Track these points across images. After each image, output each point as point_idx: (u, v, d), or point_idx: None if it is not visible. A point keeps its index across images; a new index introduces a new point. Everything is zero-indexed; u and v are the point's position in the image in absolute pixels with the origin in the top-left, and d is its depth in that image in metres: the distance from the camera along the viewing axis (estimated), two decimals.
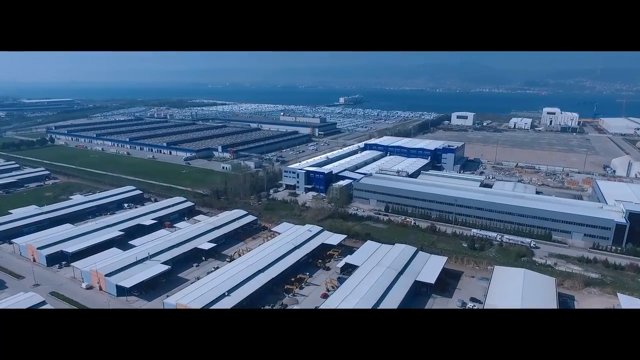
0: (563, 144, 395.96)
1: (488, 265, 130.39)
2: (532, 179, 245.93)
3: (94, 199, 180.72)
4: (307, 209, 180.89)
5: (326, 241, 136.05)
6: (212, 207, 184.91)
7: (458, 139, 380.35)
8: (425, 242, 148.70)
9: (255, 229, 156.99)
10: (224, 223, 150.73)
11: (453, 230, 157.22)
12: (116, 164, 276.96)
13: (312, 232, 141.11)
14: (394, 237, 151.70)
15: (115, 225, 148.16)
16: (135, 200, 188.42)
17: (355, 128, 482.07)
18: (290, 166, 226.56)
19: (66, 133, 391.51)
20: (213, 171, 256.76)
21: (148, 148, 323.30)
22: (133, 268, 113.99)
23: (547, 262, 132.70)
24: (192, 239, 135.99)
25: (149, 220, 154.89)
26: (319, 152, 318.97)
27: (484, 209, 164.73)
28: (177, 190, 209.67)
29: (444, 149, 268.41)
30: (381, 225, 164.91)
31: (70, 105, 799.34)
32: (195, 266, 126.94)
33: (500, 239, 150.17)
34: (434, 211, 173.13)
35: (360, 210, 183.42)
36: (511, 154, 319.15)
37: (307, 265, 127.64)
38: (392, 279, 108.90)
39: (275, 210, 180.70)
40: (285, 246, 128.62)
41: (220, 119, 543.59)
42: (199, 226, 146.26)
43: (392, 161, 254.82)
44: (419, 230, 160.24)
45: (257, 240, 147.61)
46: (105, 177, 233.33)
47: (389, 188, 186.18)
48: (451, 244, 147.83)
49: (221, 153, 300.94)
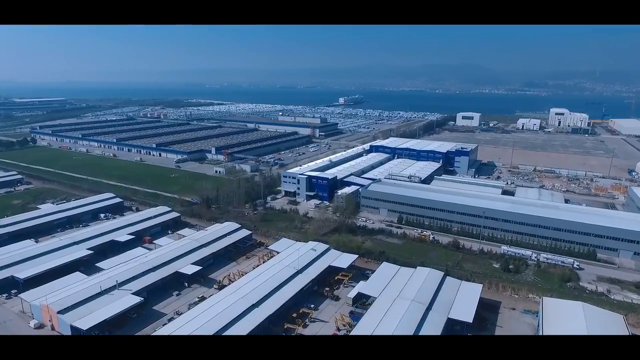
0: (577, 145, 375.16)
1: (529, 293, 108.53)
2: (555, 184, 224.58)
3: (65, 208, 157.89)
4: (310, 220, 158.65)
5: (334, 263, 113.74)
6: (201, 218, 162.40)
7: (466, 140, 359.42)
8: (448, 261, 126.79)
9: (250, 246, 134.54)
10: (213, 239, 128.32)
11: (480, 246, 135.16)
12: (100, 167, 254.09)
13: (317, 251, 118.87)
14: (411, 255, 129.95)
15: (84, 242, 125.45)
16: (114, 210, 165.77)
17: (358, 129, 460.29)
18: (289, 170, 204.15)
19: (50, 133, 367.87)
20: (205, 175, 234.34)
21: (136, 149, 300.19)
22: (95, 301, 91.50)
23: (598, 288, 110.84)
24: (174, 260, 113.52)
25: (124, 235, 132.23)
26: (319, 153, 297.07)
27: (514, 221, 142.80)
28: (162, 198, 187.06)
29: (456, 151, 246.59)
30: (395, 241, 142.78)
31: (62, 104, 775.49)
32: (176, 295, 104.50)
33: (536, 258, 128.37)
34: (456, 223, 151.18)
35: (370, 221, 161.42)
36: (525, 157, 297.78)
37: (312, 294, 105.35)
38: (420, 316, 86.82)
39: (272, 222, 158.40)
40: (285, 270, 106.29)
41: (216, 119, 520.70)
42: (183, 243, 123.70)
43: (401, 165, 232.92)
44: (439, 247, 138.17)
45: (252, 260, 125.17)
46: (85, 182, 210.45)
47: (402, 196, 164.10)
48: (479, 264, 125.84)
49: (215, 155, 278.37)
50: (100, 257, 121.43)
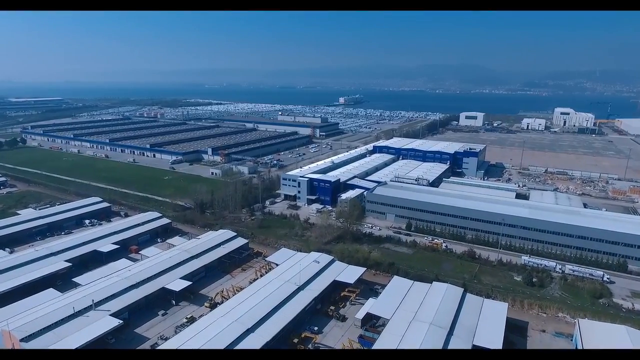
0: (586, 146, 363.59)
1: (558, 311, 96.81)
2: (569, 187, 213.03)
3: (47, 214, 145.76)
4: (311, 227, 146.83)
5: (339, 277, 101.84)
6: (195, 224, 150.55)
7: (470, 140, 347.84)
8: (465, 273, 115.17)
9: (246, 257, 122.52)
10: (206, 249, 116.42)
11: (498, 256, 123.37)
12: (90, 168, 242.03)
13: (320, 263, 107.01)
14: (423, 266, 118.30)
15: (62, 253, 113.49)
16: (100, 215, 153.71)
17: (359, 129, 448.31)
18: (289, 172, 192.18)
19: (41, 133, 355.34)
20: (200, 177, 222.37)
21: (129, 150, 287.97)
22: (67, 325, 79.69)
23: (635, 305, 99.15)
24: (160, 274, 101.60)
25: (108, 245, 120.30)
26: (320, 153, 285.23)
27: (534, 228, 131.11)
28: (154, 202, 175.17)
29: (465, 152, 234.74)
30: (405, 250, 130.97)
31: (57, 104, 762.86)
32: (162, 315, 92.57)
33: (561, 270, 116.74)
34: (470, 230, 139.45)
35: (376, 227, 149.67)
36: (534, 158, 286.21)
37: (315, 313, 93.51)
38: (441, 344, 75.01)
39: (271, 229, 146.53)
40: (285, 287, 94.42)
41: (213, 119, 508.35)
42: (172, 254, 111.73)
43: (407, 166, 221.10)
44: (453, 257, 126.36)
45: (248, 273, 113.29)
46: (73, 185, 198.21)
47: (410, 200, 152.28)
48: (499, 277, 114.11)
49: (211, 156, 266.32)
50: (81, 269, 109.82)
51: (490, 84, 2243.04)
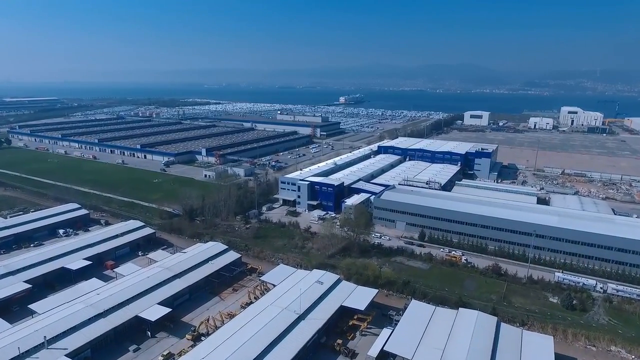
0: (599, 146, 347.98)
1: (610, 344, 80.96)
2: (591, 190, 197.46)
3: (16, 223, 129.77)
4: (313, 237, 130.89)
5: (347, 302, 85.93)
6: (182, 234, 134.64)
7: (477, 140, 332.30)
8: (491, 293, 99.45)
9: (239, 274, 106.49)
10: (192, 266, 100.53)
11: (528, 272, 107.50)
12: (75, 170, 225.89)
13: (324, 284, 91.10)
14: (442, 284, 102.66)
15: (23, 271, 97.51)
16: (77, 224, 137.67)
17: (361, 128, 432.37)
18: (288, 175, 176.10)
19: (28, 133, 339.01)
20: (192, 180, 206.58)
21: (119, 151, 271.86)
22: None
23: None
24: (135, 298, 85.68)
25: (80, 260, 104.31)
26: (321, 154, 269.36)
27: (566, 239, 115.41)
28: (139, 208, 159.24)
29: (477, 152, 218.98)
30: (420, 264, 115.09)
31: (51, 103, 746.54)
32: (134, 351, 76.64)
33: (602, 289, 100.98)
34: (492, 241, 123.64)
35: (385, 237, 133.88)
36: (546, 158, 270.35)
37: (319, 348, 77.57)
38: None
39: (268, 239, 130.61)
40: (283, 316, 78.52)
41: (210, 118, 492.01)
42: (151, 273, 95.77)
43: (415, 167, 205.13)
44: (475, 273, 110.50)
45: (240, 294, 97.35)
46: (53, 189, 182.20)
47: (423, 207, 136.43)
48: (531, 298, 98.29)
49: (205, 157, 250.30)
50: (45, 290, 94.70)
51: (490, 83, 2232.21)
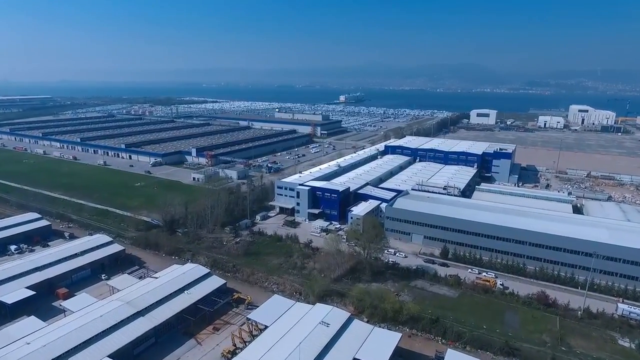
0: (616, 145, 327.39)
1: None
2: (625, 195, 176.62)
3: None
4: (315, 254, 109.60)
5: (362, 354, 64.53)
6: (159, 250, 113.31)
7: (486, 139, 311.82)
8: (542, 332, 78.27)
9: (222, 307, 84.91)
10: (162, 298, 79.08)
11: (584, 303, 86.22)
12: (50, 173, 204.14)
13: (331, 325, 69.71)
14: (479, 320, 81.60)
15: None
16: (35, 238, 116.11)
17: (363, 127, 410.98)
18: (286, 179, 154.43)
19: (8, 132, 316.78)
20: (179, 184, 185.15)
21: (102, 151, 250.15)
22: None
23: None
24: (79, 348, 64.21)
25: (21, 290, 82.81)
26: (322, 155, 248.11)
27: (624, 259, 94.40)
28: (113, 218, 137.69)
29: (495, 153, 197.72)
30: (445, 290, 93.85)
31: (43, 102, 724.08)
32: None
33: None
34: (530, 259, 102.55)
35: (400, 254, 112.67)
36: (563, 159, 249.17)
37: None
38: None
39: (261, 257, 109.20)
40: None
41: (205, 117, 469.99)
42: (108, 309, 74.38)
43: (427, 170, 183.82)
44: (516, 302, 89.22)
45: (222, 336, 75.94)
46: (19, 195, 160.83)
47: (444, 218, 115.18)
48: (595, 340, 77.16)
49: (195, 157, 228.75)
50: None
51: (490, 83, 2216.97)
